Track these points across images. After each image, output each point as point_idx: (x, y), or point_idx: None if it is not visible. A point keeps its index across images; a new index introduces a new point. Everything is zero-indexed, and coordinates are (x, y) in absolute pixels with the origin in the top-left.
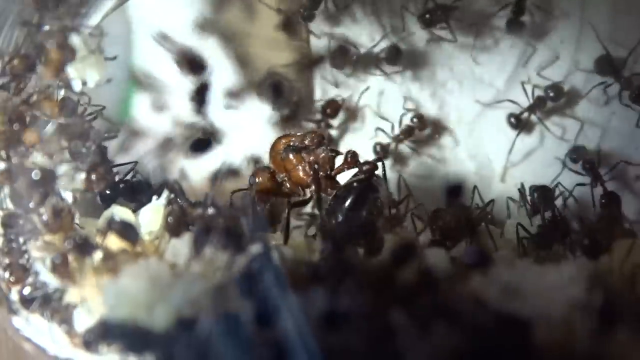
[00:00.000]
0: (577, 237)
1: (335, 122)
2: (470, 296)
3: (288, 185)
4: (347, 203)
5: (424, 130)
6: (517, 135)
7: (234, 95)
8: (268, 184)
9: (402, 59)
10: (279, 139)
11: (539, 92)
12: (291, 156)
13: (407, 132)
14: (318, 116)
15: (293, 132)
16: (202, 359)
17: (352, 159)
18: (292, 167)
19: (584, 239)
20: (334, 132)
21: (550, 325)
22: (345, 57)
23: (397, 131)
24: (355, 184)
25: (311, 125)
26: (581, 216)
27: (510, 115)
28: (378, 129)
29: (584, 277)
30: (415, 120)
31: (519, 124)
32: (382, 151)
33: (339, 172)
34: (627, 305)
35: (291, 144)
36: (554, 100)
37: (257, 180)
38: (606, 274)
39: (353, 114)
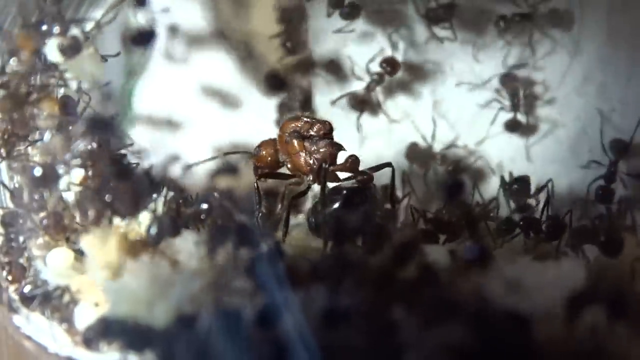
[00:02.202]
0: (586, 233)
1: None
2: (471, 292)
3: (288, 166)
4: (333, 207)
5: (394, 75)
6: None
7: None
8: (271, 158)
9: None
10: (289, 120)
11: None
12: (294, 142)
13: (378, 80)
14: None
15: (303, 115)
16: (202, 356)
17: (351, 164)
18: (293, 152)
19: (601, 235)
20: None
21: (551, 321)
22: None
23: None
24: (344, 191)
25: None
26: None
27: (506, 121)
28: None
29: (584, 273)
30: (384, 65)
31: (515, 124)
32: (358, 103)
33: (336, 171)
34: (627, 300)
35: (297, 129)
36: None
37: (261, 152)
38: (607, 269)
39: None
